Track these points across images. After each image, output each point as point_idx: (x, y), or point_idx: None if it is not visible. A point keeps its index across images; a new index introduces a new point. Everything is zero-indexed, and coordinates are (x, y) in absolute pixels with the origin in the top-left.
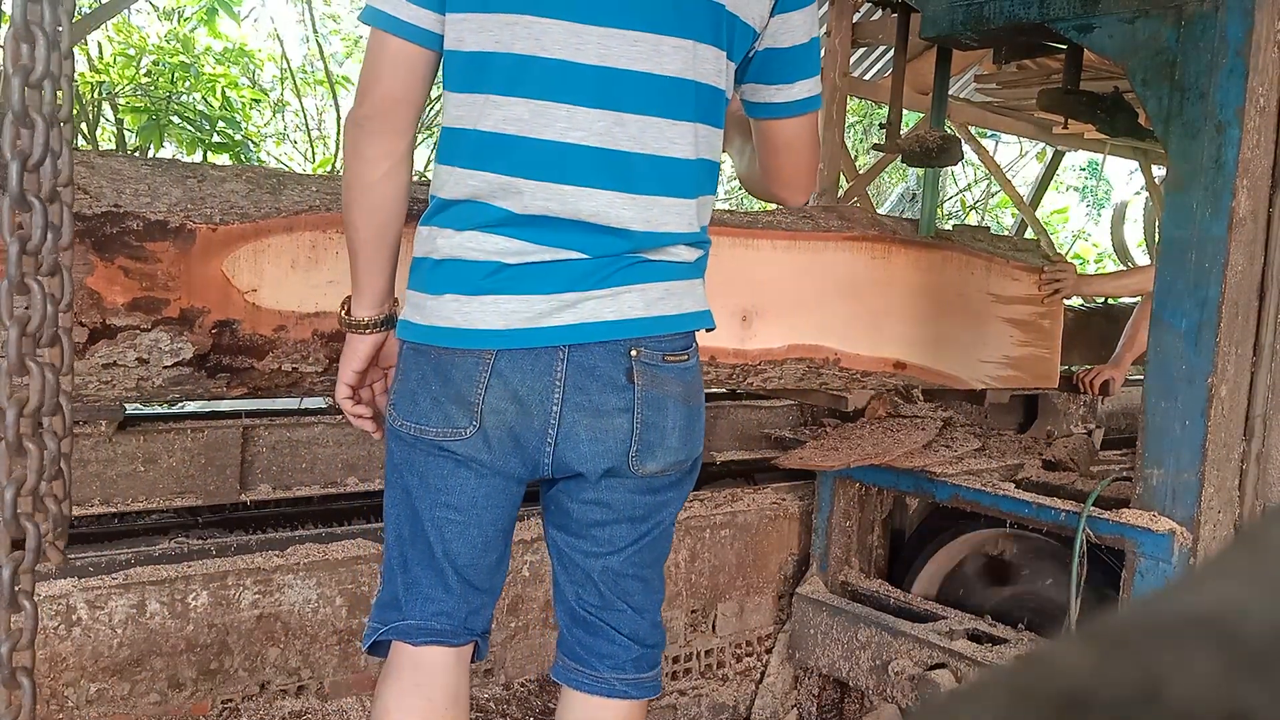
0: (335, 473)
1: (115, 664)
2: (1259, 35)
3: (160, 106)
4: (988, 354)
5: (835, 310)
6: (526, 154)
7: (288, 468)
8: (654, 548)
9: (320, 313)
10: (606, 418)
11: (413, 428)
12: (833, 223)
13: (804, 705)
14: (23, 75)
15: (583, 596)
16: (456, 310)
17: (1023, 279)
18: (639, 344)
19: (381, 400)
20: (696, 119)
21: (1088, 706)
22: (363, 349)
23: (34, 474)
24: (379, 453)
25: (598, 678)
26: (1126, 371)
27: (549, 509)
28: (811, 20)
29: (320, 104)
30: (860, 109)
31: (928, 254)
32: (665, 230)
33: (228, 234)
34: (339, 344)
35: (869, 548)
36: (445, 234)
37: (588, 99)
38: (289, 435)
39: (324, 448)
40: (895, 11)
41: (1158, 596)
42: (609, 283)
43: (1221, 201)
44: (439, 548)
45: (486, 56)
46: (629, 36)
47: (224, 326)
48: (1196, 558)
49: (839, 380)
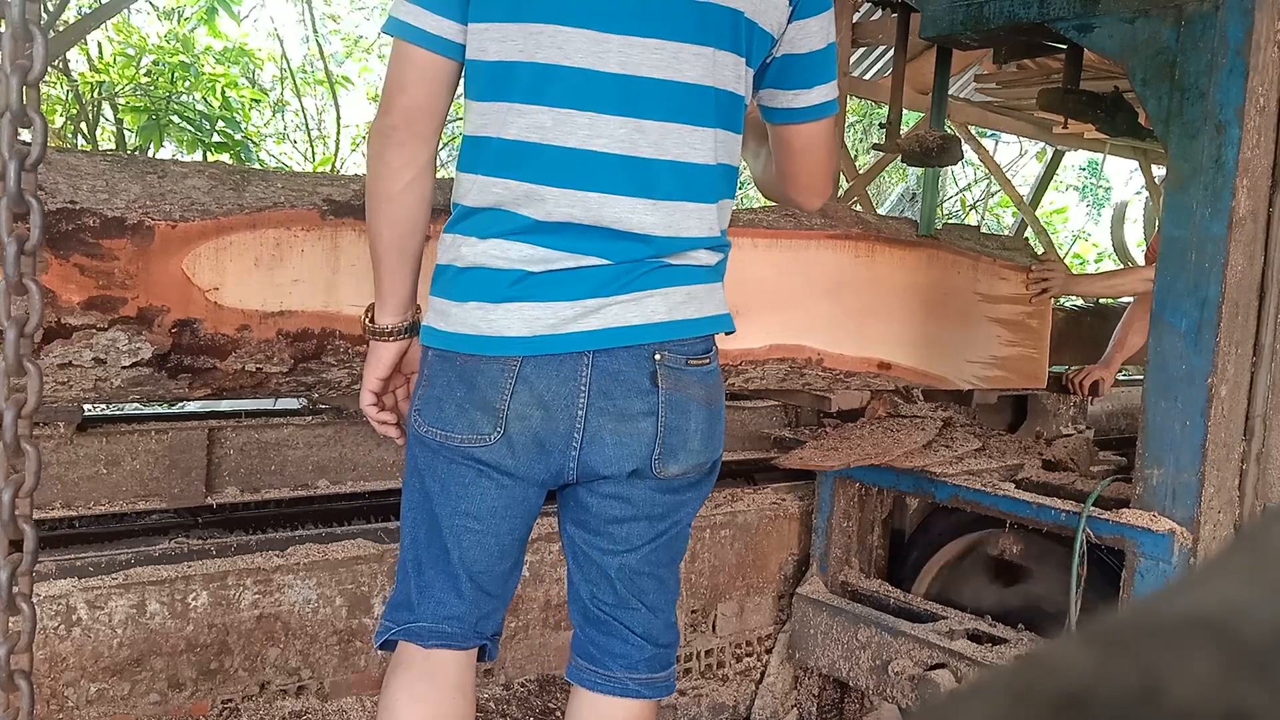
0: (306, 475)
1: (115, 664)
2: (1259, 35)
3: (160, 106)
4: (975, 354)
5: (818, 310)
6: (549, 161)
7: (256, 470)
8: (670, 546)
9: (285, 311)
10: (631, 421)
11: (438, 434)
12: (815, 221)
13: (804, 705)
14: (21, 75)
15: (598, 595)
16: (481, 317)
17: (1010, 278)
18: (663, 348)
19: (404, 406)
20: (716, 125)
21: (1087, 706)
22: (387, 356)
23: (32, 476)
24: (351, 454)
25: (610, 677)
26: (1116, 372)
27: (566, 505)
28: (828, 26)
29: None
30: (860, 109)
31: (913, 253)
32: (687, 235)
33: (188, 231)
34: (305, 343)
35: (869, 548)
36: (469, 242)
37: (609, 106)
38: (257, 437)
39: (294, 449)
40: (895, 11)
41: (1158, 596)
42: (632, 288)
43: (1221, 201)
44: (455, 554)
45: (510, 66)
46: (649, 44)
47: (184, 326)
48: (1196, 558)
49: (822, 381)
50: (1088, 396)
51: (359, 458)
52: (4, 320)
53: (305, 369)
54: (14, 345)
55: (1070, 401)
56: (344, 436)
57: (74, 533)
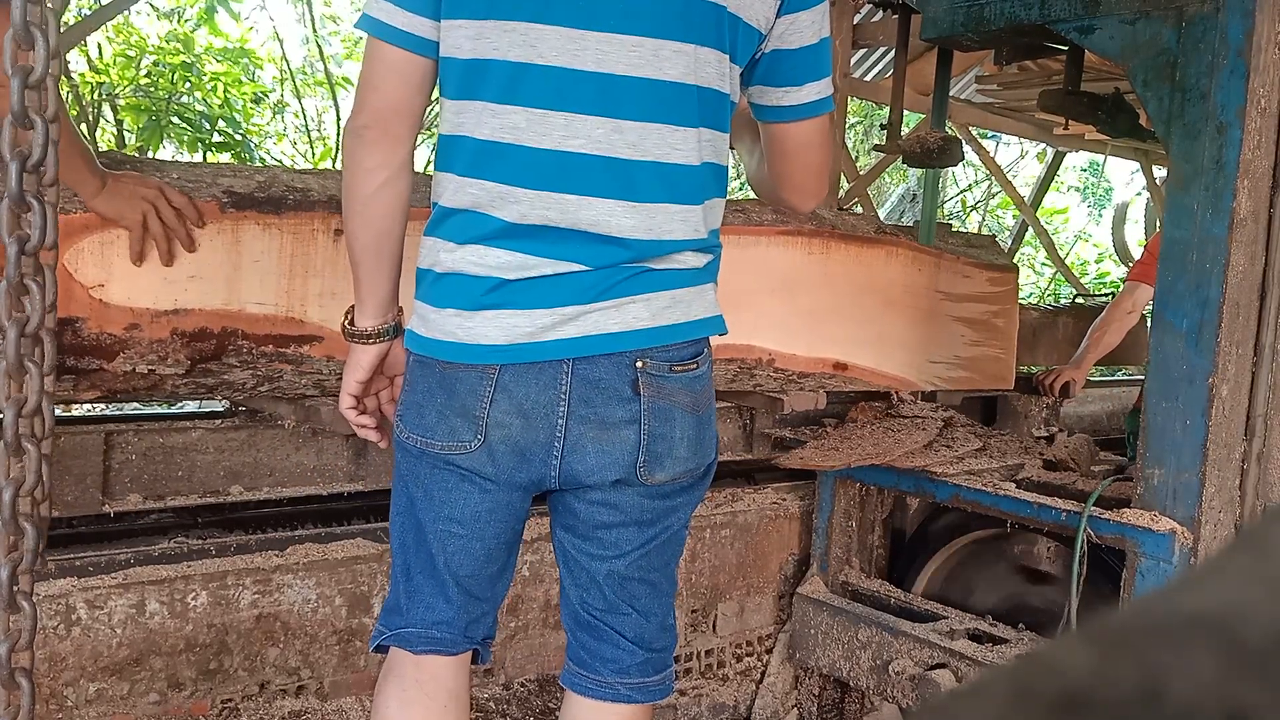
0: (217, 481)
1: (115, 664)
2: (1260, 36)
3: (160, 107)
4: (937, 354)
5: (768, 308)
6: (523, 162)
7: (161, 476)
8: (662, 552)
9: (180, 310)
10: (613, 430)
11: (419, 440)
12: (766, 217)
13: (804, 705)
14: (22, 76)
15: (587, 600)
16: (459, 325)
17: (975, 276)
18: (645, 355)
19: (389, 409)
20: (700, 124)
21: (1088, 706)
22: (366, 359)
23: (33, 475)
24: (267, 459)
25: (601, 682)
26: (1088, 373)
27: (556, 510)
28: (821, 20)
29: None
30: (861, 110)
31: (870, 250)
32: (669, 238)
33: (69, 224)
34: (203, 344)
35: (869, 548)
36: (447, 247)
37: (586, 106)
38: (161, 441)
39: (203, 454)
40: (896, 13)
41: (1158, 596)
42: (611, 294)
43: (1222, 202)
44: (440, 559)
45: (483, 64)
46: (628, 42)
47: (65, 325)
48: (1197, 558)
49: (774, 382)
50: (1058, 398)
51: (276, 463)
52: (4, 320)
53: (204, 370)
54: (14, 345)
55: (1042, 403)
56: (259, 440)
57: (74, 533)
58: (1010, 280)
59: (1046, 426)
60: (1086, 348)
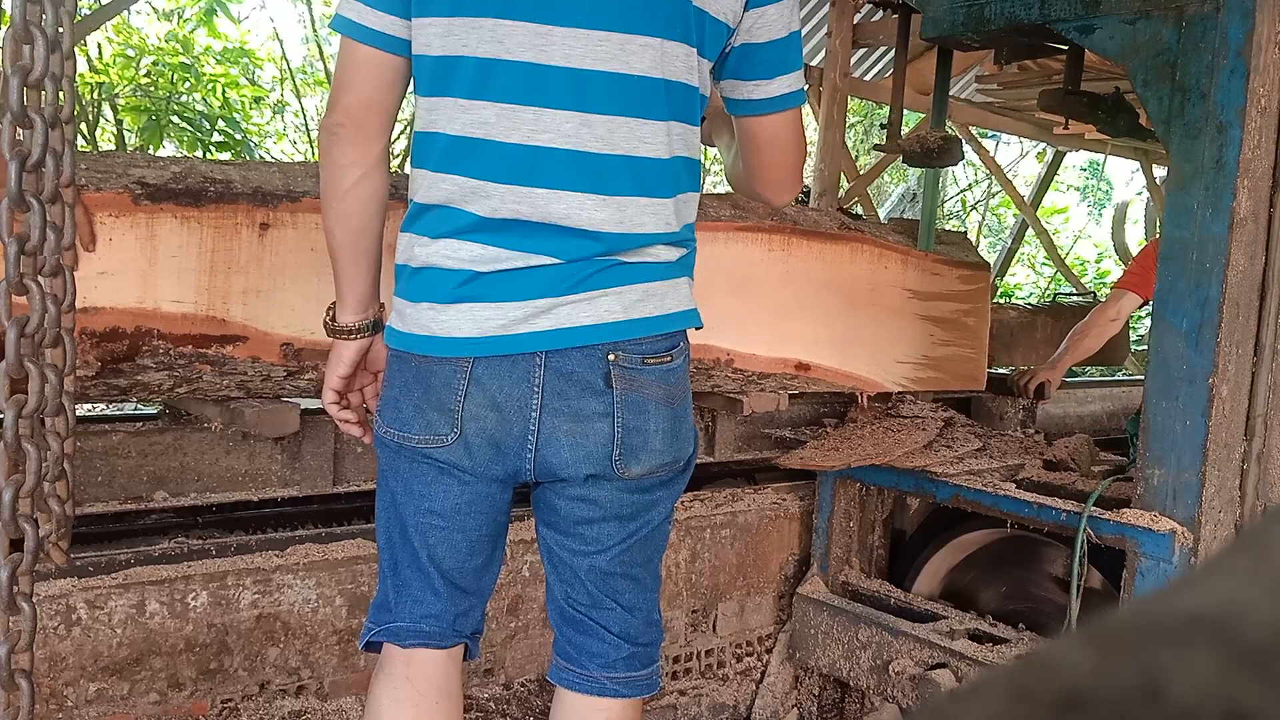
0: (139, 486)
1: (115, 664)
2: (1260, 36)
3: (160, 107)
4: (904, 354)
5: (726, 307)
6: (493, 157)
7: (80, 481)
8: (644, 546)
9: (91, 308)
10: (586, 422)
11: (396, 434)
12: (724, 212)
13: (804, 705)
14: (21, 76)
15: (572, 595)
16: (432, 318)
17: (944, 273)
18: (617, 348)
19: (374, 404)
20: (670, 117)
21: (1088, 706)
22: (347, 355)
23: (33, 475)
24: (194, 464)
25: (588, 676)
26: (1063, 375)
27: (538, 506)
28: (789, 14)
29: (320, 104)
30: (861, 109)
31: (833, 246)
32: (640, 231)
33: None
34: (114, 344)
35: (869, 548)
36: (422, 241)
37: (555, 101)
38: (80, 444)
39: (124, 459)
40: (896, 12)
41: (1158, 596)
42: (583, 287)
43: (1222, 201)
44: (424, 553)
45: (453, 61)
46: (594, 36)
47: None
48: (1197, 557)
49: (733, 383)
50: (1033, 399)
51: (204, 467)
52: (4, 320)
53: (116, 371)
54: (14, 345)
55: (1017, 404)
56: (185, 444)
57: (73, 532)
58: (982, 278)
59: (1022, 429)
60: (1065, 350)
